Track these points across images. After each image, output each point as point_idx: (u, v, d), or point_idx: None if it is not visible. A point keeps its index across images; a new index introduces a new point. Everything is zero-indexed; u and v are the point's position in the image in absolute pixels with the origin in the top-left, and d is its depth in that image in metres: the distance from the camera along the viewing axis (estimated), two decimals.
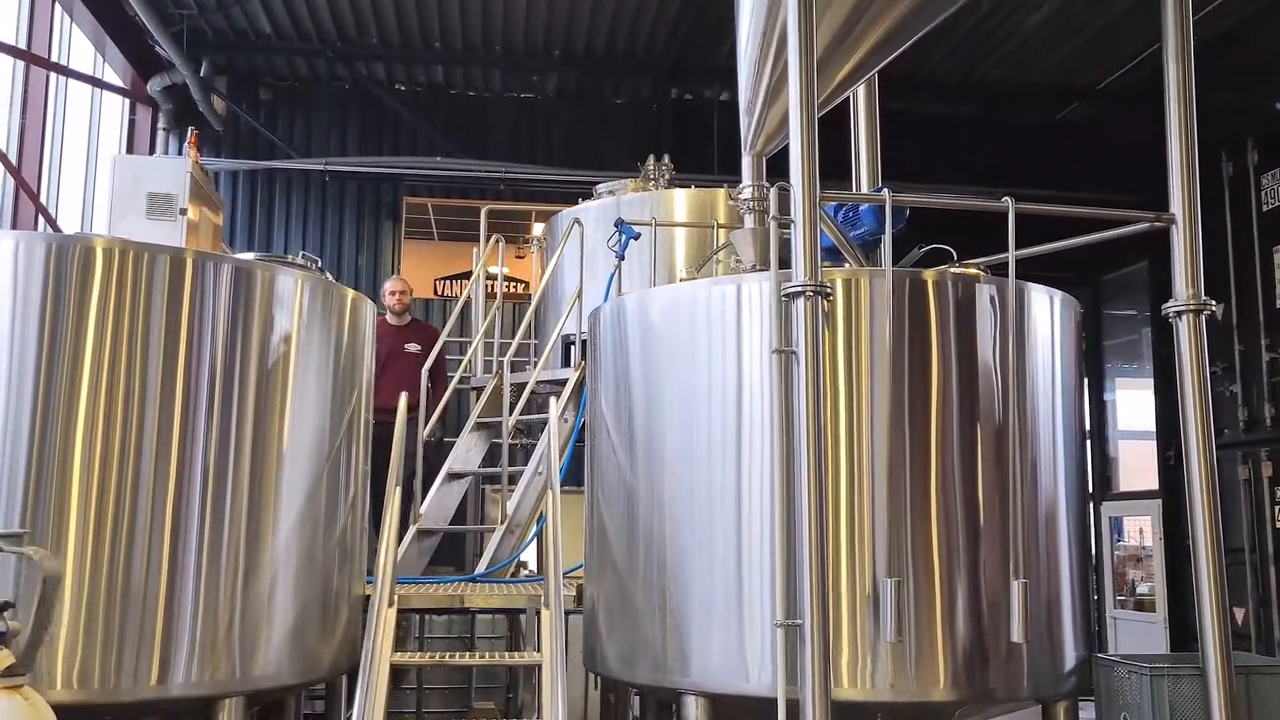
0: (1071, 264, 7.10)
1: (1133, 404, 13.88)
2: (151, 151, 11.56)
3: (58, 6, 9.70)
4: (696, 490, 5.18)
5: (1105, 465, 13.88)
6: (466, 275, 11.46)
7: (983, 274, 5.40)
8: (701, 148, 12.34)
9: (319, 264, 6.17)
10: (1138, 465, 13.48)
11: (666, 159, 9.41)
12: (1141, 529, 13.01)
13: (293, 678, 5.11)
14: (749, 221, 5.60)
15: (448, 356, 10.58)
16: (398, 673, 7.29)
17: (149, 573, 4.68)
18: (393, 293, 8.64)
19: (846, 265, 5.59)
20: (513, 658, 5.39)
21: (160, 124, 11.71)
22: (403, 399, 5.86)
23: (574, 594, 5.84)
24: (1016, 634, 4.68)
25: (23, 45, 9.10)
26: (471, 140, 12.82)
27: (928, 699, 4.78)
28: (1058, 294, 5.53)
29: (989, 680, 4.86)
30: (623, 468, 5.50)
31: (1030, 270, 5.42)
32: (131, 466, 4.70)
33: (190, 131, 6.97)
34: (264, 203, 12.59)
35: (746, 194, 5.50)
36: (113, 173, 6.71)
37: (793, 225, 4.58)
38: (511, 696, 9.25)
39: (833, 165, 6.13)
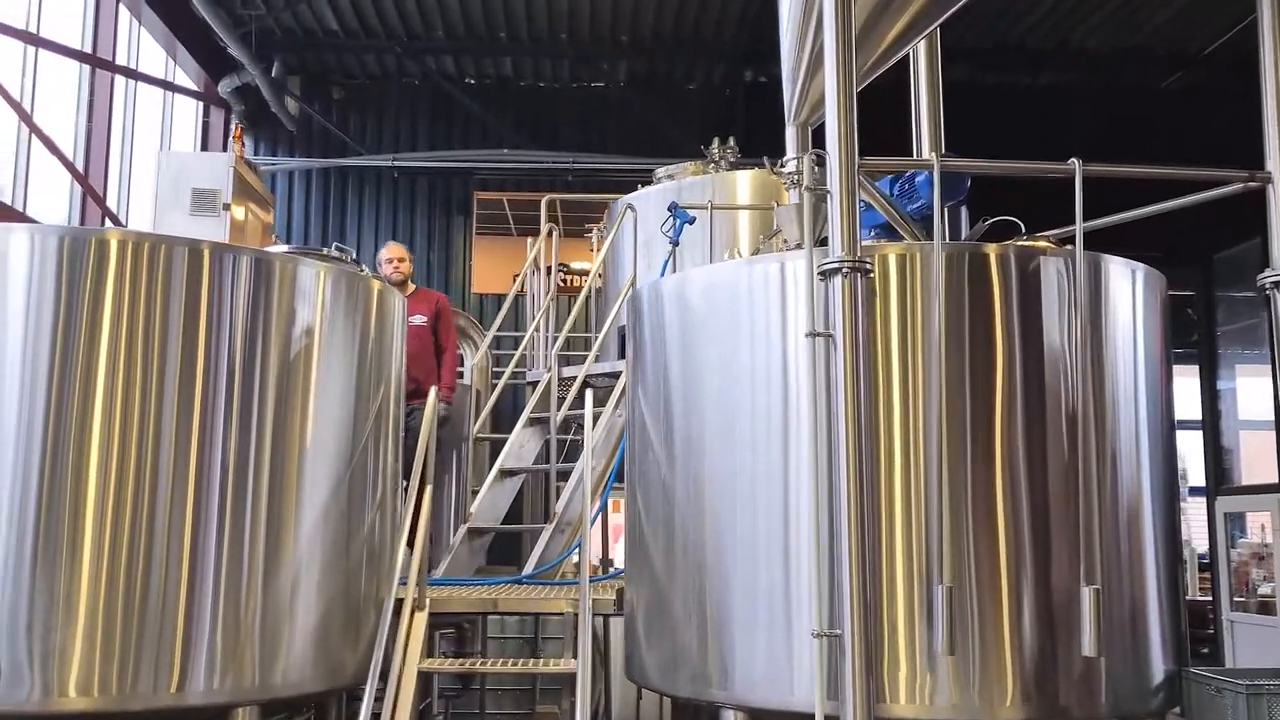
0: (1178, 242, 6.48)
1: (1255, 392, 12.97)
2: (223, 154, 11.64)
3: (124, 11, 9.78)
4: (738, 486, 4.79)
5: (1221, 457, 12.96)
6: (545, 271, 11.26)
7: (1052, 247, 4.89)
8: (778, 132, 11.86)
9: (353, 255, 5.97)
10: (1259, 457, 12.57)
11: (731, 141, 9.02)
12: (1263, 525, 12.09)
13: (315, 685, 4.90)
14: (793, 197, 5.18)
15: (499, 351, 10.39)
16: (465, 675, 7.12)
17: (168, 575, 4.51)
18: (389, 260, 7.62)
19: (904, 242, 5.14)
20: (543, 666, 5.09)
21: (233, 124, 11.80)
22: (432, 393, 5.60)
23: (615, 597, 5.51)
24: (1088, 646, 4.18)
25: (88, 50, 9.18)
26: (541, 132, 12.62)
27: (993, 718, 4.32)
28: (1140, 268, 4.98)
29: (1062, 696, 4.36)
30: (659, 462, 5.15)
31: (1128, 250, 4.90)
32: (149, 464, 4.53)
33: (234, 126, 6.90)
34: (337, 201, 12.61)
35: (790, 167, 5.09)
36: (157, 169, 6.66)
37: (829, 196, 4.17)
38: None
39: (904, 145, 5.69)
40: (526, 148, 12.09)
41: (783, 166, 5.11)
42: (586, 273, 13.22)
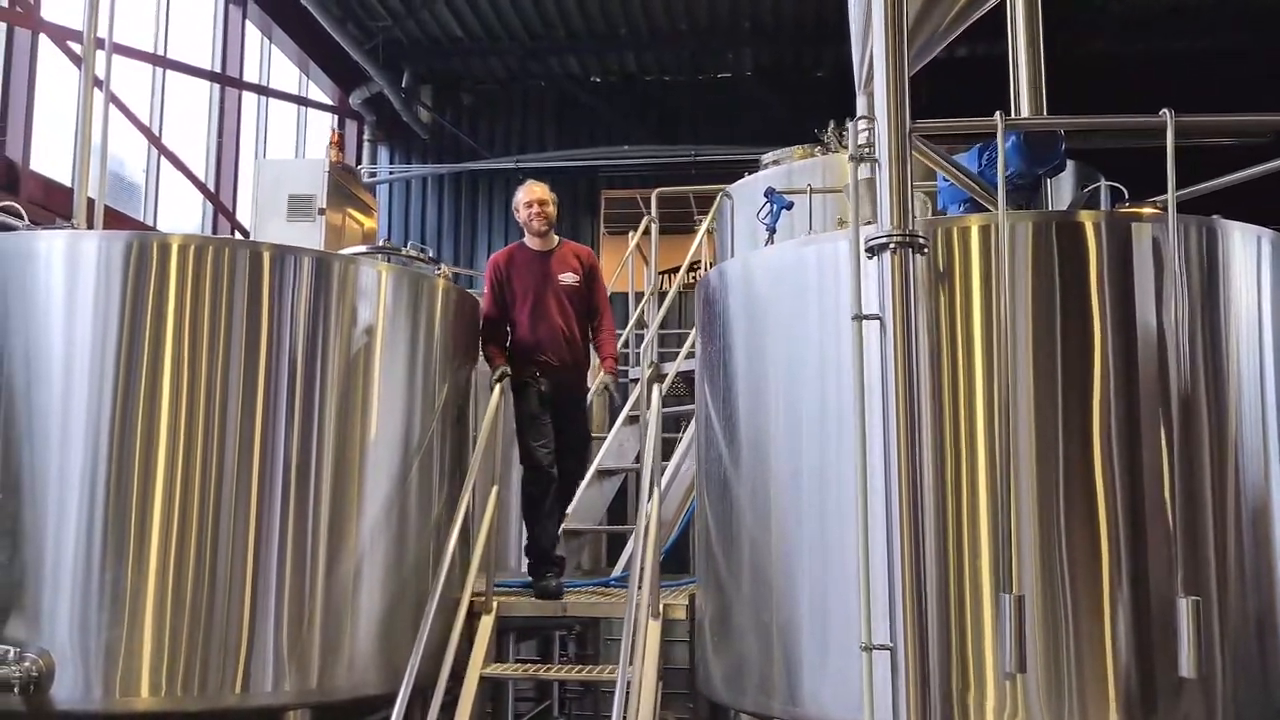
0: None
1: None
2: (358, 164, 11.99)
3: (251, 27, 10.16)
4: (806, 484, 4.44)
5: None
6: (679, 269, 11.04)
7: (1160, 213, 4.32)
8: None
9: (429, 253, 5.93)
10: None
11: (848, 122, 8.56)
12: None
13: (377, 687, 4.84)
14: (863, 171, 4.77)
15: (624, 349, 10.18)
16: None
17: (232, 575, 4.54)
18: (528, 204, 5.88)
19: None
20: (597, 673, 4.86)
21: (365, 135, 12.13)
22: (496, 390, 5.46)
23: (687, 603, 5.24)
24: (1186, 666, 3.63)
25: (217, 69, 9.58)
26: (666, 127, 12.44)
27: None
28: (1267, 234, 4.35)
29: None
30: (724, 460, 4.84)
31: (1262, 218, 4.30)
32: (214, 466, 4.57)
33: (331, 130, 6.98)
34: (467, 206, 12.79)
35: (863, 139, 4.68)
36: (256, 176, 6.81)
37: (877, 164, 3.78)
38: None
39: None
40: (652, 143, 11.91)
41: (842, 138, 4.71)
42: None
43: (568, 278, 5.85)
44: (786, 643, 4.41)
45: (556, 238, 6.04)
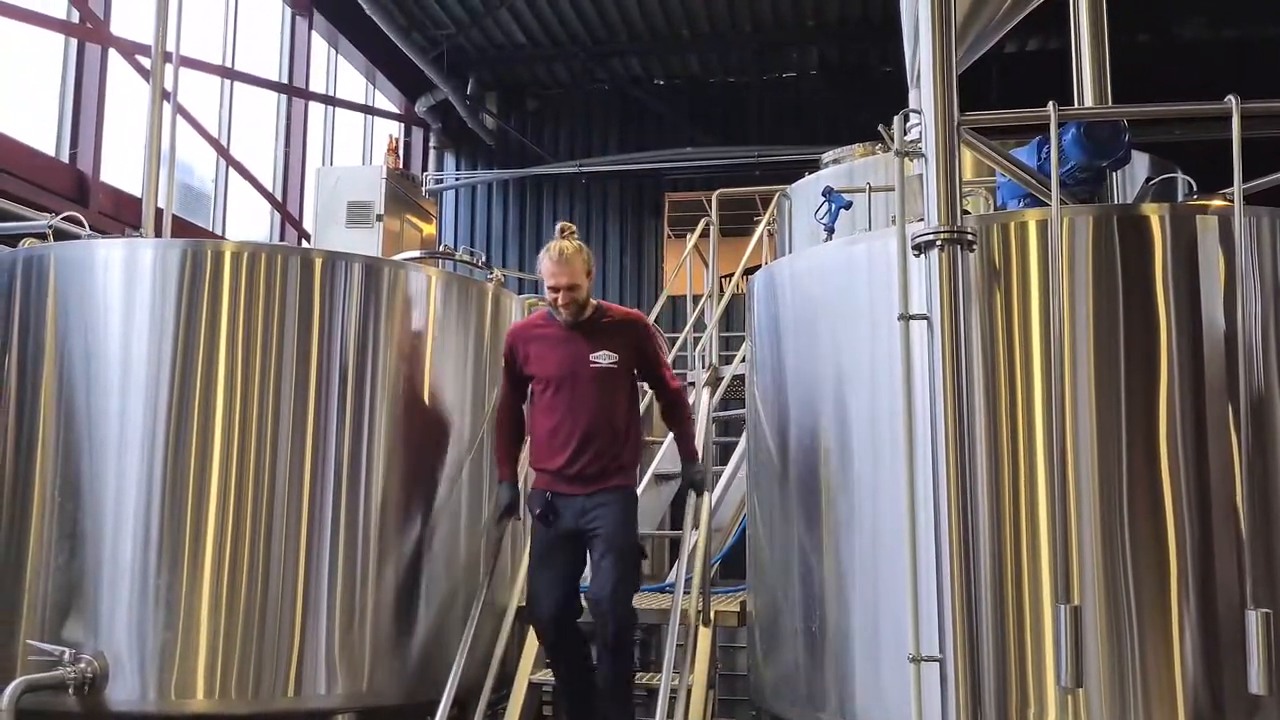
0: None
1: None
2: (424, 171, 12.12)
3: (317, 38, 10.33)
4: (857, 490, 4.33)
5: None
6: (747, 271, 10.96)
7: (1229, 205, 4.11)
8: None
9: (482, 258, 5.94)
10: None
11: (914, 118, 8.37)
12: None
13: (428, 692, 4.83)
14: (916, 168, 4.64)
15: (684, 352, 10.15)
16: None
17: (285, 578, 4.59)
18: (552, 288, 4.48)
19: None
20: (648, 679, 4.80)
21: (431, 143, 12.25)
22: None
23: (739, 609, 5.15)
24: (1256, 682, 3.44)
25: (284, 80, 9.76)
26: (731, 128, 12.34)
27: None
28: None
29: None
30: (774, 463, 4.75)
31: None
32: (268, 470, 4.63)
33: (389, 137, 7.04)
34: (532, 211, 12.84)
35: (915, 134, 4.55)
36: (316, 184, 6.90)
37: (924, 158, 3.67)
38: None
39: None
40: (718, 145, 11.83)
41: (904, 134, 4.58)
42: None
43: (603, 358, 4.49)
44: (837, 653, 4.30)
45: (594, 303, 4.62)
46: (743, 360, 7.02)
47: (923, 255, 3.64)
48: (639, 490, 6.93)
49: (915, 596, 3.54)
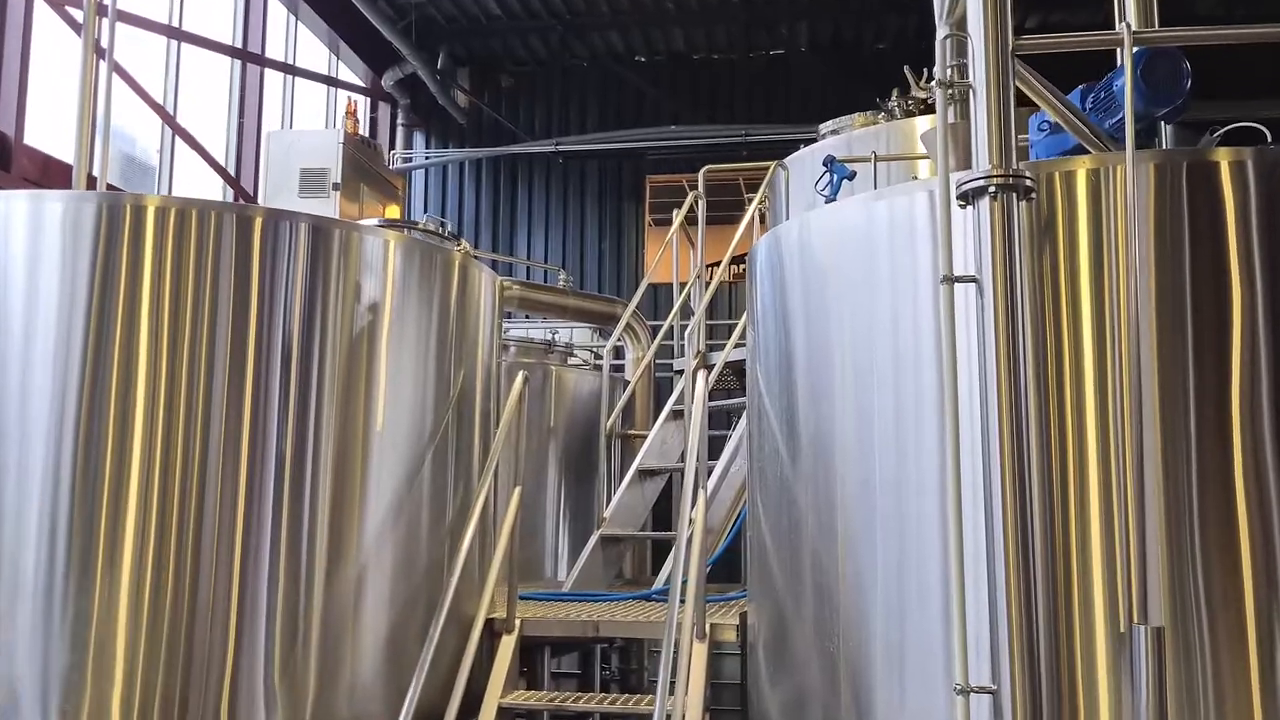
0: None
1: None
2: (391, 150, 11.45)
3: (276, 4, 9.64)
4: (877, 489, 3.73)
5: None
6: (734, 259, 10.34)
7: None
8: None
9: (446, 225, 5.32)
10: None
11: (912, 90, 7.80)
12: None
13: (383, 717, 4.22)
14: (949, 116, 4.06)
15: (667, 342, 9.52)
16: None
17: (216, 590, 3.95)
18: None
19: None
20: (632, 705, 4.19)
21: (399, 119, 11.58)
22: (519, 378, 4.82)
23: (738, 622, 4.56)
24: None
25: (238, 44, 9.07)
26: (718, 107, 11.74)
27: None
28: None
29: None
30: (781, 459, 4.15)
31: None
32: (197, 462, 3.98)
33: (349, 100, 6.38)
34: (506, 192, 12.19)
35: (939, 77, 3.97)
36: (265, 148, 6.25)
37: (972, 92, 3.08)
38: None
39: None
40: (700, 123, 11.23)
41: (929, 80, 4.00)
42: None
43: None
44: (855, 677, 3.71)
45: None
46: (737, 346, 6.44)
47: (970, 206, 3.05)
48: (623, 485, 6.41)
49: (964, 615, 2.95)
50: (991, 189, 2.99)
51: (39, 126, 6.74)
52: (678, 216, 7.38)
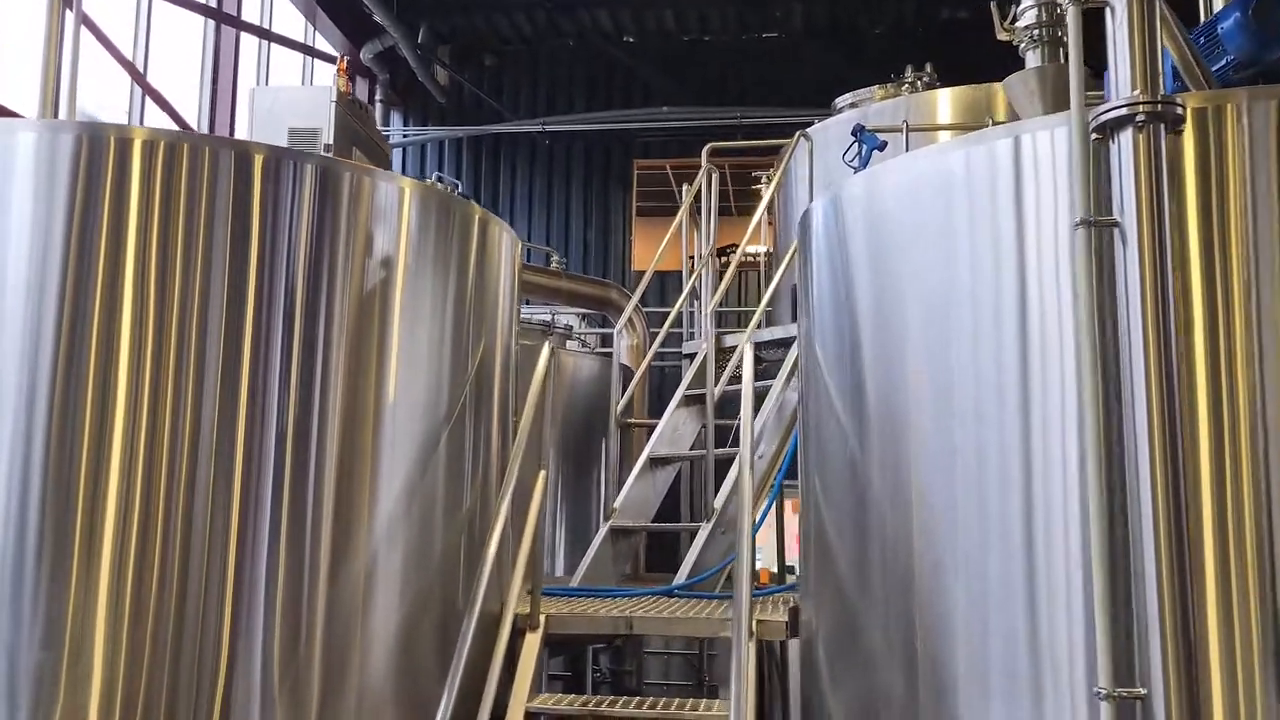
0: None
1: None
2: None
3: None
4: (960, 470, 3.34)
5: None
6: (722, 252, 9.89)
7: None
8: (983, 76, 10.19)
9: (458, 187, 4.84)
10: None
11: (928, 67, 7.48)
12: None
13: None
14: (1031, 60, 3.69)
15: (655, 329, 9.15)
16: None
17: (208, 582, 3.45)
18: None
19: None
20: (689, 710, 3.75)
21: (377, 96, 11.05)
22: (545, 348, 4.37)
23: (788, 618, 4.15)
24: None
25: (212, 4, 8.50)
26: (709, 91, 11.33)
27: None
28: None
29: None
30: (847, 435, 3.74)
31: None
32: (187, 435, 3.46)
33: (339, 57, 5.87)
34: (489, 173, 11.69)
35: (1029, 17, 3.60)
36: (250, 106, 5.71)
37: (1108, 10, 2.69)
38: None
39: None
40: (692, 105, 10.82)
41: (1019, 19, 3.61)
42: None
43: None
44: (936, 675, 3.31)
45: None
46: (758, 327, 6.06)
47: (1113, 140, 2.66)
48: (633, 474, 5.97)
49: (1113, 612, 2.55)
50: (1139, 118, 2.60)
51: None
52: (688, 195, 6.95)
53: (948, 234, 3.48)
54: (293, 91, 5.88)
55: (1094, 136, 2.70)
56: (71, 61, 4.86)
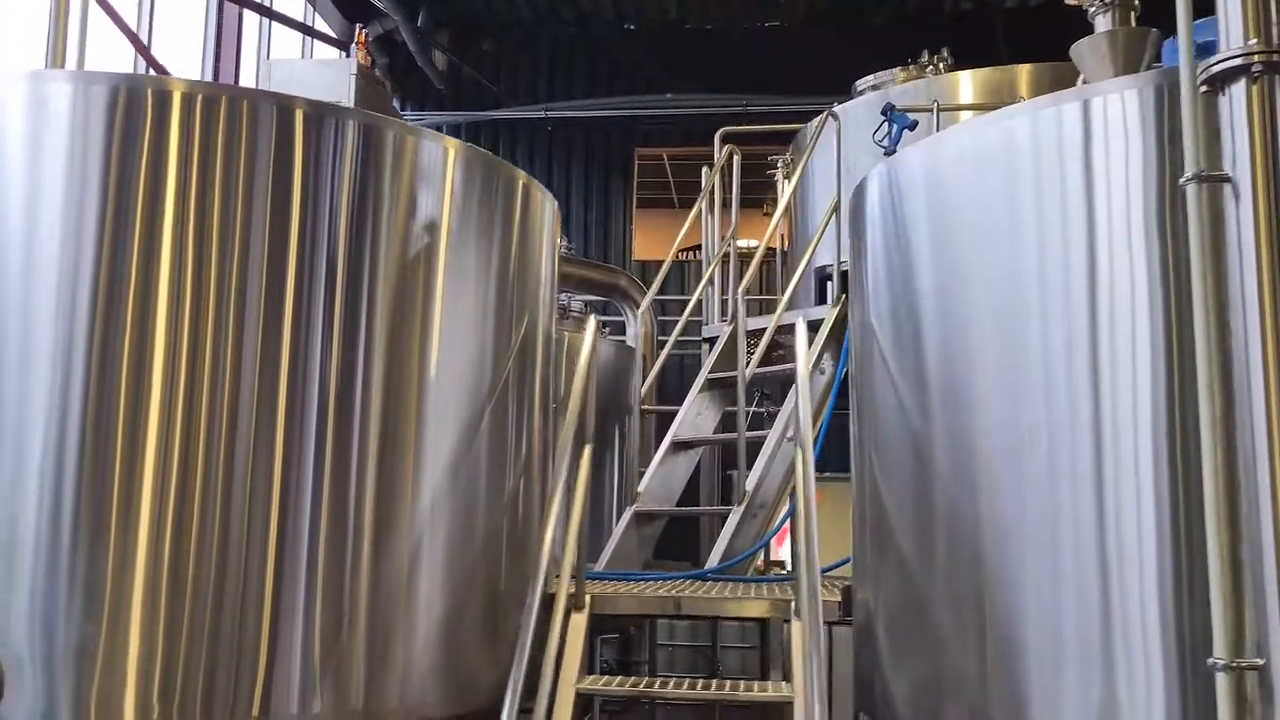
0: None
1: None
2: None
3: None
4: (1030, 441, 3.25)
5: None
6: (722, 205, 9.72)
7: None
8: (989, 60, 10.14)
9: None
10: None
11: (944, 51, 7.42)
12: None
13: (442, 708, 3.61)
14: (1102, 24, 3.60)
15: (663, 318, 9.04)
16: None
17: (250, 552, 3.29)
18: None
19: None
20: (755, 692, 3.64)
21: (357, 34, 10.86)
22: (591, 322, 4.24)
23: (840, 598, 4.04)
24: None
25: None
26: (711, 80, 11.21)
27: None
28: None
29: None
30: (907, 409, 3.64)
31: None
32: (226, 400, 3.30)
33: (357, 28, 5.70)
34: None
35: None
36: (257, 80, 5.54)
37: None
38: None
39: None
40: (696, 92, 10.71)
41: None
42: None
43: None
44: (1006, 652, 3.22)
45: None
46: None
47: (1223, 93, 2.57)
48: (656, 459, 5.85)
49: (1233, 580, 2.46)
50: (1254, 68, 2.51)
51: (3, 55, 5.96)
52: (712, 175, 6.83)
53: (1013, 202, 3.40)
54: (312, 65, 5.70)
55: (1202, 89, 2.61)
56: (80, 31, 4.71)
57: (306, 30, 10.04)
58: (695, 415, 6.17)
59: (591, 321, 4.17)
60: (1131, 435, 3.08)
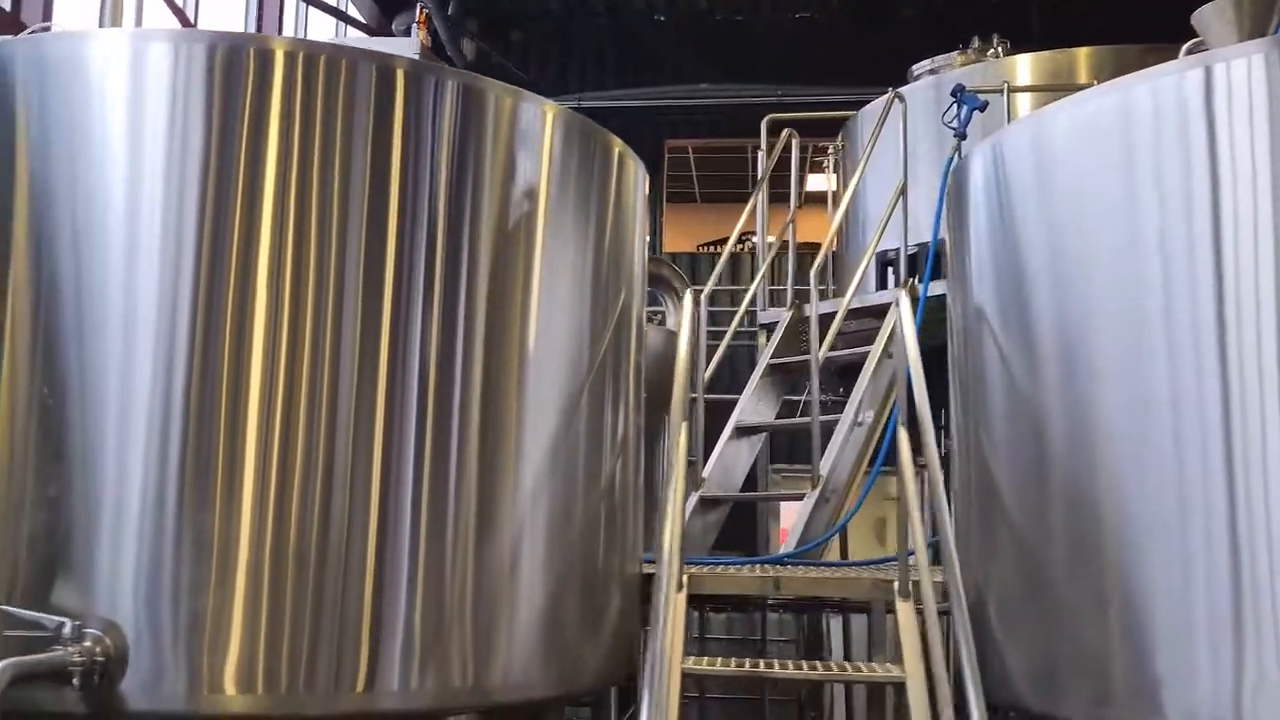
0: None
1: None
2: None
3: None
4: (1154, 410, 3.18)
5: None
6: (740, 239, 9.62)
7: None
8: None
9: None
10: None
11: (996, 37, 7.36)
12: None
13: (547, 688, 3.51)
14: None
15: (713, 308, 8.92)
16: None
17: (350, 532, 3.18)
18: None
19: None
20: (867, 670, 3.54)
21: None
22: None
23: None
24: None
25: None
26: (740, 72, 11.13)
27: None
28: None
29: None
30: (1018, 381, 3.57)
31: None
32: (327, 369, 3.19)
33: (418, 10, 5.59)
34: None
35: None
36: None
37: None
38: (815, 717, 7.46)
39: None
40: (727, 82, 10.64)
41: None
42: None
43: None
44: (1137, 627, 3.15)
45: None
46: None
47: None
48: (720, 443, 5.76)
49: None
50: None
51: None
52: (770, 158, 6.74)
53: (1132, 172, 3.34)
54: (373, 42, 5.58)
55: None
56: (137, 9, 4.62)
57: (340, 16, 9.96)
58: (756, 402, 6.09)
59: (688, 296, 4.07)
60: (1259, 408, 3.02)
